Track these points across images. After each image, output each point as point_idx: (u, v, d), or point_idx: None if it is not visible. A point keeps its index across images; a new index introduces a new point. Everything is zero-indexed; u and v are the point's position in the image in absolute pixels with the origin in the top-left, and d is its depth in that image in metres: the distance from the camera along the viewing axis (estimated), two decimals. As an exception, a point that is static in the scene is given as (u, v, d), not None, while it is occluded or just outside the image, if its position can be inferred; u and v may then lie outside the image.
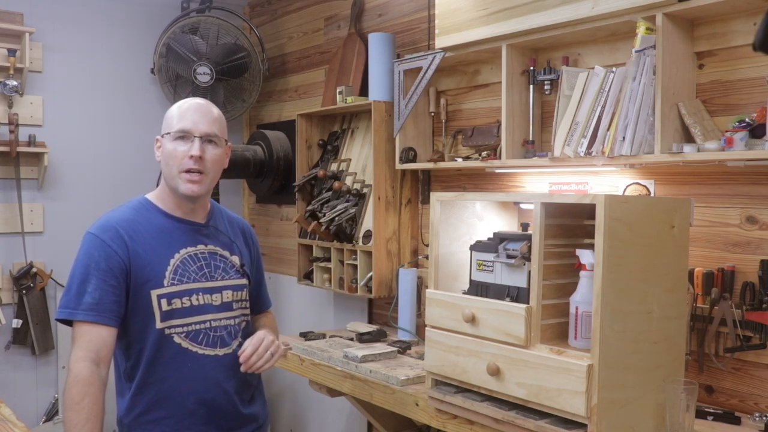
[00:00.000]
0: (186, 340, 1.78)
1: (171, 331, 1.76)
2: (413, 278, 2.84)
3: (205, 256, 1.85)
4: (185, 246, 1.82)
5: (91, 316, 1.69)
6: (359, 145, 3.27)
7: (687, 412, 1.68)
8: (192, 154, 1.76)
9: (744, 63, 1.96)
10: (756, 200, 1.96)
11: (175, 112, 1.82)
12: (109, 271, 1.72)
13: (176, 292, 1.77)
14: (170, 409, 1.78)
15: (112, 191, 3.85)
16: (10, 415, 2.14)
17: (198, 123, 1.78)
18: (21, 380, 3.73)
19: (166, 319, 1.76)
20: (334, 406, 3.52)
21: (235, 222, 2.01)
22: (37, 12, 3.73)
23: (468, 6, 2.47)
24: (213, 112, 1.84)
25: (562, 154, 2.19)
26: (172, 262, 1.78)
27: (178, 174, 1.77)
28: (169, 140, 1.79)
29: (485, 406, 1.85)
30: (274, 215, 4.12)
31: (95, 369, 1.67)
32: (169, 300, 1.76)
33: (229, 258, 1.90)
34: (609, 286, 1.60)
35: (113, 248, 1.73)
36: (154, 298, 1.74)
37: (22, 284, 3.67)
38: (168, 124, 1.82)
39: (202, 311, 1.81)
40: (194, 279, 1.80)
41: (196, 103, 1.83)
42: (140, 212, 1.82)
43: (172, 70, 3.77)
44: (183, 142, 1.77)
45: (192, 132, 1.78)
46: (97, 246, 1.74)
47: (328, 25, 3.67)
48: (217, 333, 1.82)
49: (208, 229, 1.88)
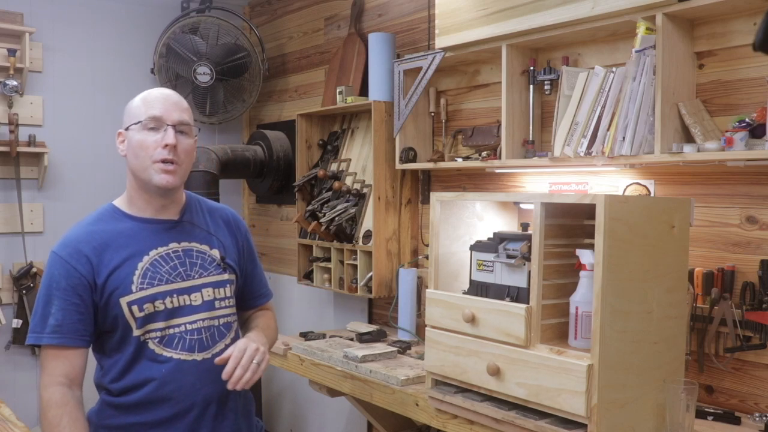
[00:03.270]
0: (160, 345, 1.68)
1: (146, 337, 1.68)
2: (413, 278, 2.84)
3: (179, 255, 1.73)
4: (155, 247, 1.71)
5: (56, 339, 1.62)
6: (359, 145, 3.27)
7: (687, 412, 1.68)
8: (167, 142, 1.65)
9: (744, 63, 1.96)
10: (756, 200, 1.96)
11: (139, 102, 1.70)
12: (70, 290, 1.63)
13: (146, 296, 1.66)
14: (142, 416, 1.68)
15: (112, 191, 3.76)
16: (10, 415, 2.14)
17: (170, 111, 1.68)
18: (21, 380, 3.73)
19: (143, 326, 1.67)
20: (334, 406, 3.51)
21: (217, 212, 1.88)
22: (37, 12, 3.73)
23: (468, 6, 2.47)
24: (182, 102, 1.74)
25: (562, 154, 2.19)
26: (140, 266, 1.68)
27: (152, 164, 1.66)
28: (138, 130, 1.67)
29: (485, 406, 1.85)
30: (274, 215, 4.12)
31: (67, 391, 1.61)
32: (141, 306, 1.66)
33: (208, 253, 1.78)
34: (609, 286, 1.60)
35: (72, 265, 1.64)
36: (125, 306, 1.65)
37: (22, 284, 3.67)
38: (133, 114, 1.70)
39: (178, 314, 1.70)
40: (167, 280, 1.69)
41: (164, 92, 1.73)
42: (103, 220, 1.73)
43: (172, 70, 3.77)
44: (154, 131, 1.67)
45: (164, 120, 1.67)
46: (57, 265, 1.66)
47: (328, 25, 3.67)
48: (194, 336, 1.71)
49: (181, 225, 1.77)
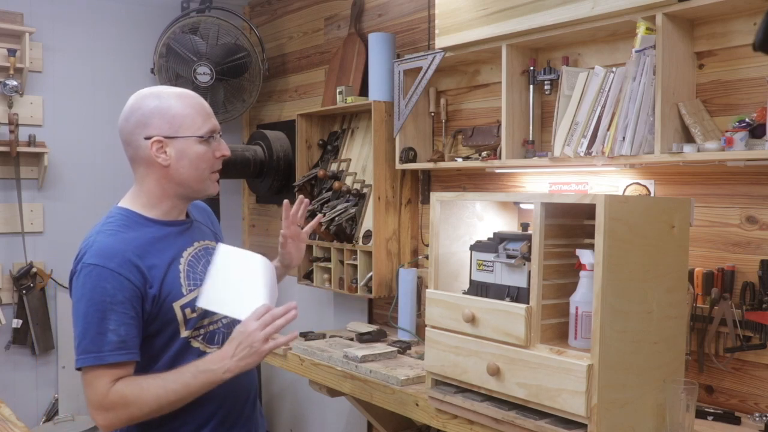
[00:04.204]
0: (204, 343, 1.69)
1: (192, 336, 1.67)
2: (413, 278, 2.84)
3: (203, 253, 1.76)
4: (185, 248, 1.72)
5: (122, 355, 1.54)
6: (359, 145, 3.26)
7: (687, 412, 1.68)
8: (225, 153, 1.70)
9: (744, 63, 1.96)
10: (756, 200, 1.96)
11: (190, 111, 1.66)
12: (128, 303, 1.55)
13: (197, 297, 1.66)
14: (184, 417, 1.65)
15: (112, 191, 3.84)
16: (10, 415, 2.14)
17: (214, 119, 1.71)
18: (21, 380, 3.73)
19: (193, 326, 1.66)
20: (334, 406, 3.51)
21: (199, 206, 1.90)
22: (37, 12, 3.73)
23: (468, 6, 2.47)
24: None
25: (562, 154, 2.19)
26: (182, 268, 1.67)
27: (209, 176, 1.69)
28: (196, 142, 1.65)
29: (485, 406, 1.85)
30: (274, 215, 4.12)
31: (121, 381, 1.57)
32: (193, 308, 1.65)
33: (215, 248, 1.78)
34: (609, 286, 1.60)
35: (125, 276, 1.56)
36: (178, 310, 1.63)
37: (22, 284, 3.67)
38: (185, 124, 1.65)
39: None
40: (204, 279, 1.70)
41: (199, 98, 1.72)
42: (131, 227, 1.65)
43: (172, 70, 3.77)
44: (208, 142, 1.68)
45: (218, 130, 1.70)
46: (107, 277, 1.55)
47: (328, 25, 3.67)
48: (229, 330, 1.71)
49: (194, 225, 1.80)
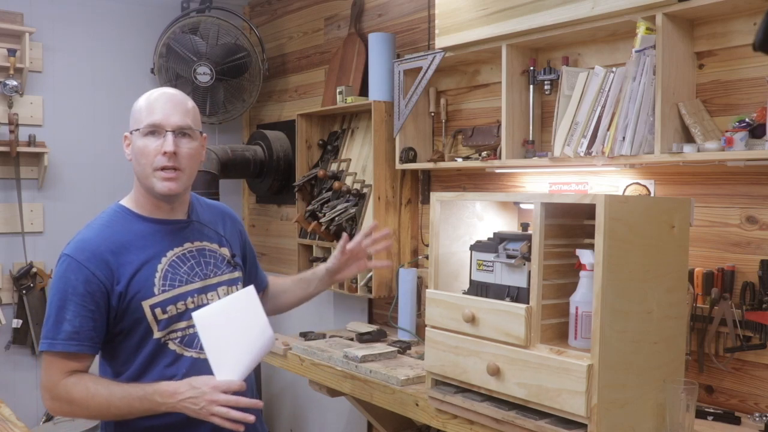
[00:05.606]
0: (180, 345, 1.67)
1: (167, 338, 1.66)
2: (413, 278, 2.84)
3: (194, 254, 1.73)
4: (171, 248, 1.69)
5: (72, 346, 1.58)
6: (359, 145, 3.26)
7: (687, 412, 1.68)
8: (165, 150, 1.62)
9: (744, 63, 1.96)
10: (756, 200, 1.96)
11: (143, 105, 1.67)
12: (88, 296, 1.59)
13: (169, 298, 1.65)
14: (162, 418, 1.64)
15: (112, 191, 3.79)
16: (10, 415, 2.13)
17: (169, 115, 1.64)
18: (21, 380, 3.72)
19: (165, 327, 1.65)
20: (334, 406, 3.51)
21: (215, 209, 1.88)
22: (37, 12, 3.73)
23: (468, 6, 2.47)
24: (186, 103, 1.69)
25: (562, 154, 2.19)
26: (160, 268, 1.65)
27: (152, 173, 1.64)
28: (139, 136, 1.64)
29: (485, 406, 1.85)
30: (274, 215, 4.12)
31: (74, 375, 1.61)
32: (164, 308, 1.64)
33: (218, 251, 1.78)
34: (609, 286, 1.60)
35: (91, 270, 1.59)
36: (147, 310, 1.63)
37: (22, 284, 3.67)
38: (136, 118, 1.66)
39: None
40: (186, 281, 1.69)
41: (167, 93, 1.69)
42: (117, 222, 1.68)
43: (172, 70, 3.77)
44: (154, 137, 1.63)
45: (163, 126, 1.63)
46: (74, 269, 1.60)
47: (328, 25, 3.67)
48: None
49: (192, 225, 1.76)
